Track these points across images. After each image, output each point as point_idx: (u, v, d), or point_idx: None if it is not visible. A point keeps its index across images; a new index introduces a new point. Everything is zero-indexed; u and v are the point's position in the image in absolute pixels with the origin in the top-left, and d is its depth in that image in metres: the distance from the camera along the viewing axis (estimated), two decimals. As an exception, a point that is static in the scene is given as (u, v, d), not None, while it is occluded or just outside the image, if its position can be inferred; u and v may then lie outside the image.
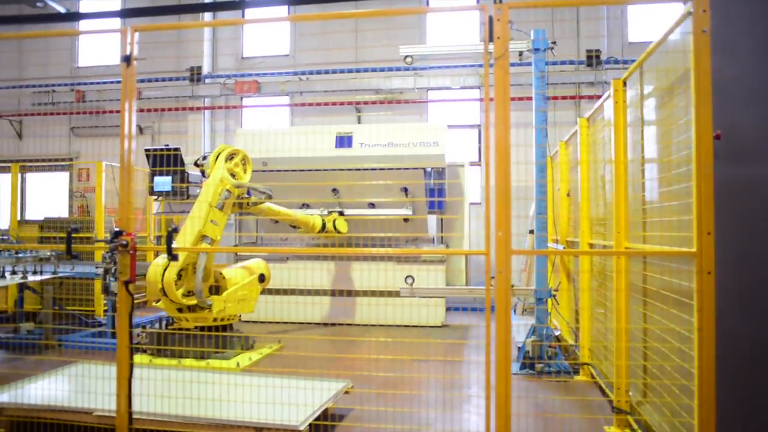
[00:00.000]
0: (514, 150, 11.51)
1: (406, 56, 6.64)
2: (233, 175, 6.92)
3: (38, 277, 6.85)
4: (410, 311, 8.64)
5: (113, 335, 7.69)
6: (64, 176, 12.42)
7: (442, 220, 9.50)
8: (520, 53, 6.73)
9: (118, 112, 12.34)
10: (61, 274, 7.25)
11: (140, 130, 12.37)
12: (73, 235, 9.90)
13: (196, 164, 7.33)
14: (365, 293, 8.82)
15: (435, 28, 11.71)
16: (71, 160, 12.10)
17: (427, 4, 11.75)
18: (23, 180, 12.55)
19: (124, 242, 3.35)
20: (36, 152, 12.30)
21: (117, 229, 3.42)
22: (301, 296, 8.96)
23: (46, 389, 4.83)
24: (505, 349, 3.15)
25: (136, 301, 10.77)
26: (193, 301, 6.56)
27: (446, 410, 5.06)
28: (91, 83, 12.38)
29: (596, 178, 6.05)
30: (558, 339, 6.36)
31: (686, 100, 3.42)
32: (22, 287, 8.15)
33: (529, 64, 9.25)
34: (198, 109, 11.86)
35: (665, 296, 3.78)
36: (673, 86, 3.72)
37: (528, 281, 9.44)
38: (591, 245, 6.02)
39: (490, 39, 3.16)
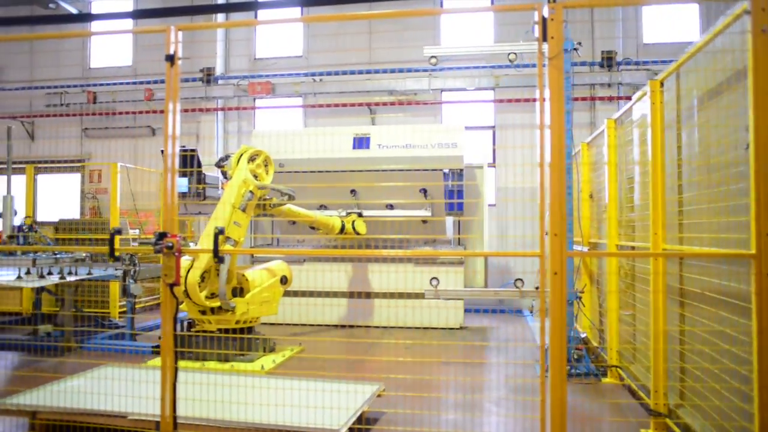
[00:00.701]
0: (529, 152, 11.56)
1: (431, 57, 6.60)
2: (255, 177, 6.88)
3: (73, 278, 6.85)
4: (429, 313, 8.61)
5: (132, 337, 7.66)
6: (75, 177, 12.37)
7: (459, 222, 9.47)
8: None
9: (129, 113, 12.32)
10: (96, 275, 7.24)
11: (152, 131, 12.33)
12: (91, 236, 9.84)
13: (217, 165, 7.30)
14: (383, 295, 8.78)
15: (449, 29, 11.68)
16: (83, 161, 12.06)
17: (441, 5, 11.72)
18: (35, 181, 12.49)
19: (170, 244, 3.31)
20: (48, 153, 12.26)
21: (161, 231, 3.38)
22: (318, 298, 8.92)
23: (76, 392, 4.78)
24: (561, 352, 3.11)
25: (148, 303, 10.65)
26: (215, 303, 6.52)
27: (476, 414, 5.01)
28: (103, 84, 12.33)
29: (624, 179, 6.02)
30: (584, 341, 6.32)
31: (735, 101, 3.39)
32: (40, 289, 8.11)
33: (533, 65, 9.27)
34: (211, 110, 11.82)
35: (708, 298, 3.75)
36: (720, 87, 3.70)
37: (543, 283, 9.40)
38: (618, 247, 5.99)
39: (544, 39, 3.11)
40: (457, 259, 8.78)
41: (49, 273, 6.68)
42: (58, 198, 12.21)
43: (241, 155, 6.90)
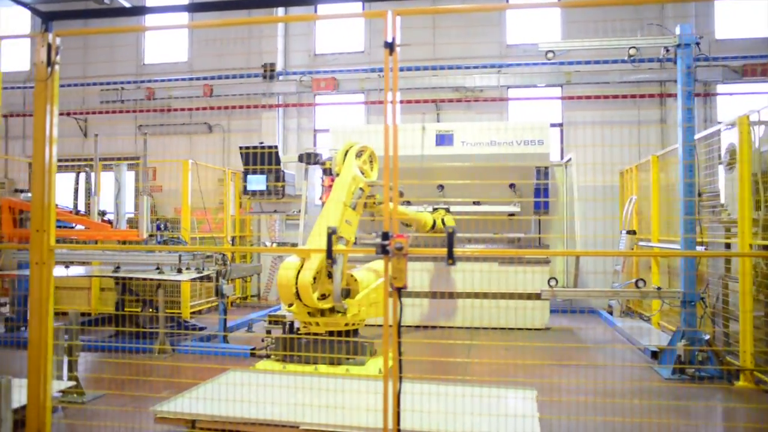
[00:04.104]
0: (600, 150, 11.29)
1: (548, 51, 6.43)
2: (362, 173, 6.66)
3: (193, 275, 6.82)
4: (515, 314, 8.42)
5: (224, 339, 7.44)
6: (129, 175, 12.09)
7: (539, 221, 9.30)
8: (667, 49, 6.53)
9: (185, 110, 12.07)
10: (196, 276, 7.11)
11: (209, 128, 12.06)
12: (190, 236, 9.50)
13: (318, 163, 7.09)
14: (467, 295, 8.59)
15: (514, 25, 11.52)
16: (137, 158, 11.77)
17: (507, 1, 11.51)
18: (88, 179, 12.20)
19: (400, 245, 3.11)
20: (101, 150, 11.93)
21: (384, 231, 3.18)
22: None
23: (218, 399, 4.52)
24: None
25: (214, 304, 10.34)
26: (327, 305, 6.31)
27: (628, 417, 4.81)
28: (159, 80, 12.07)
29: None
30: (708, 343, 6.16)
31: None
32: (123, 290, 7.88)
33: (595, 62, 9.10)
34: (272, 106, 11.57)
35: None
36: None
37: (624, 281, 9.25)
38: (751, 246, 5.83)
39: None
40: (543, 259, 8.60)
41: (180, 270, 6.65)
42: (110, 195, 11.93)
43: (347, 151, 6.67)
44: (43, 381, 3.54)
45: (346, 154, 6.64)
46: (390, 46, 3.28)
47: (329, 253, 3.27)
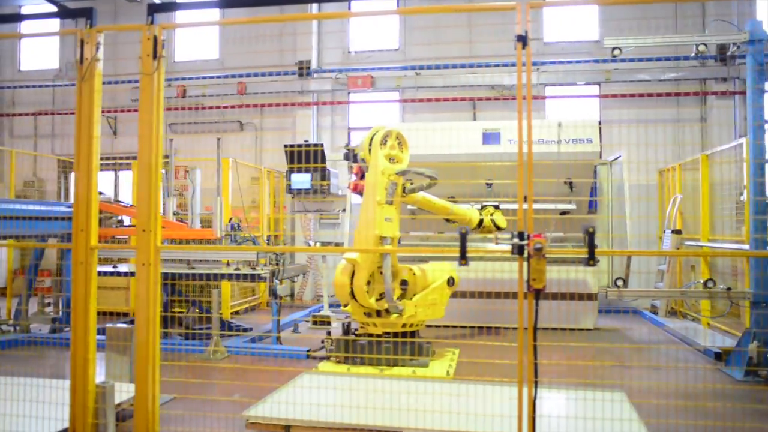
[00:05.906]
0: (644, 149, 11.12)
1: (614, 48, 6.32)
2: (393, 159, 6.34)
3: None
4: (566, 315, 8.31)
5: (278, 340, 7.31)
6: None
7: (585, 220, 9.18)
8: (737, 46, 6.43)
9: (216, 108, 11.92)
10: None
11: (241, 126, 11.91)
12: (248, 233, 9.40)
13: (345, 158, 6.96)
14: (513, 295, 8.45)
15: (551, 22, 11.42)
16: (167, 157, 11.60)
17: (545, -2, 11.44)
18: (116, 178, 12.10)
19: (539, 245, 2.99)
20: (130, 149, 11.79)
21: (520, 231, 3.07)
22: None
23: (307, 404, 4.38)
24: None
25: (250, 304, 10.20)
26: (384, 306, 6.18)
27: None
28: (191, 78, 11.91)
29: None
30: (778, 344, 6.06)
31: None
32: (172, 290, 7.74)
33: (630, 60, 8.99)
34: (305, 104, 11.41)
35: None
36: None
37: (671, 282, 9.16)
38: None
39: None
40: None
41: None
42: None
43: (371, 139, 6.27)
44: (151, 386, 3.40)
45: (372, 141, 6.30)
46: (523, 40, 3.19)
47: (463, 254, 3.14)
